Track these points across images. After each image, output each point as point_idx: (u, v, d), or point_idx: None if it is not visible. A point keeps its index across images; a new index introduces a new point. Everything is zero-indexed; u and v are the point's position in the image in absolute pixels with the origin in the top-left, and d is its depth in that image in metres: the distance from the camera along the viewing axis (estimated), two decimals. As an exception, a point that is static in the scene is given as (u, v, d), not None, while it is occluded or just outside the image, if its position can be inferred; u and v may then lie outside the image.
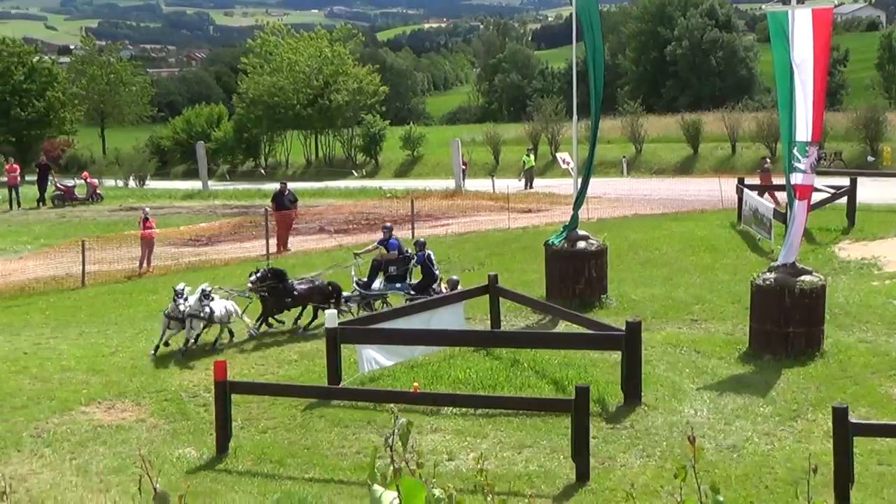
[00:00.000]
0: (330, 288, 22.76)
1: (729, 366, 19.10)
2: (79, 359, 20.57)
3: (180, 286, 20.88)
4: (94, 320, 25.22)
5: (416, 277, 23.55)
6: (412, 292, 22.83)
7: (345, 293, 23.02)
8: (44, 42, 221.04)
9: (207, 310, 20.87)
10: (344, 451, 15.54)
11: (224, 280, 29.77)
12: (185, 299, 20.56)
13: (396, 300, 23.01)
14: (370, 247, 25.01)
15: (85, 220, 44.55)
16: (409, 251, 23.90)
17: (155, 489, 3.68)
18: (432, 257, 23.31)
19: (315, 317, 22.56)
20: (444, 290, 22.39)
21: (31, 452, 15.85)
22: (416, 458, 3.61)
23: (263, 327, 22.27)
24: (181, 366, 20.06)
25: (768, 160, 41.94)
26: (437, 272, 23.16)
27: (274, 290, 21.92)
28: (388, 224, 25.41)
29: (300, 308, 22.66)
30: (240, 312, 21.95)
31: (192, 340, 20.90)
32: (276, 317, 22.55)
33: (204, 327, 21.11)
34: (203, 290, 20.84)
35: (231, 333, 21.74)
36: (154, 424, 17.08)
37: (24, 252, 36.13)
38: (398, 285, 23.23)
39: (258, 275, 21.98)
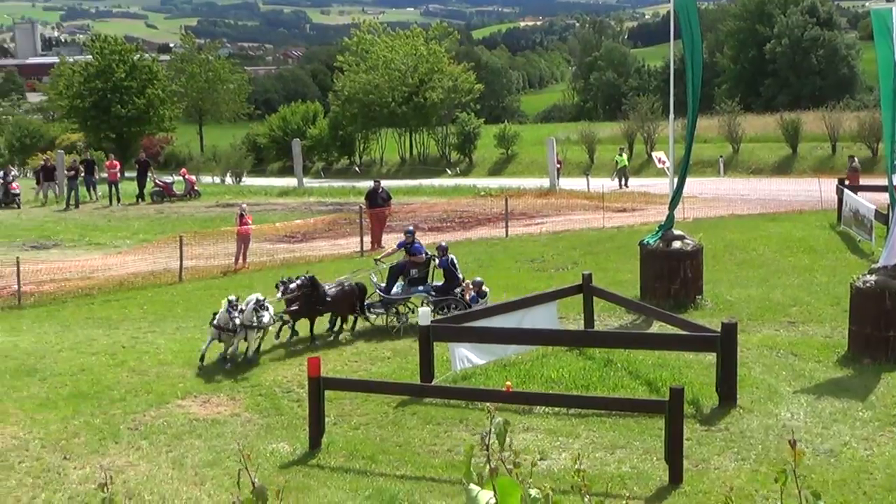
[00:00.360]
0: (358, 290, 22.67)
1: (827, 369, 18.77)
2: (175, 353, 20.87)
3: (233, 297, 20.52)
4: (191, 315, 25.53)
5: (436, 280, 23.45)
6: (434, 294, 22.70)
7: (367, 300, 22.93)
8: (144, 40, 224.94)
9: (266, 320, 20.64)
10: (435, 448, 15.55)
11: (319, 276, 30.04)
12: (241, 311, 20.18)
13: (417, 302, 22.89)
14: (390, 250, 24.83)
15: (182, 216, 45.16)
16: (431, 253, 23.72)
17: (253, 483, 3.69)
18: (455, 261, 23.12)
19: (345, 321, 22.61)
20: (468, 293, 22.40)
21: (129, 445, 16.11)
22: (512, 457, 3.58)
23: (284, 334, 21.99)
24: (275, 361, 20.24)
25: (856, 159, 41.13)
26: (460, 275, 22.96)
27: (307, 297, 21.53)
28: (411, 227, 24.99)
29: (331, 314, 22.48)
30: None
31: (254, 350, 20.63)
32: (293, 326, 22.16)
33: (256, 337, 20.83)
34: (258, 301, 20.54)
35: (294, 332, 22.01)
36: (248, 419, 17.26)
37: (124, 247, 36.71)
38: (420, 288, 22.95)
39: (298, 282, 21.54)
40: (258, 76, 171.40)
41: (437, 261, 23.13)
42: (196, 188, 52.64)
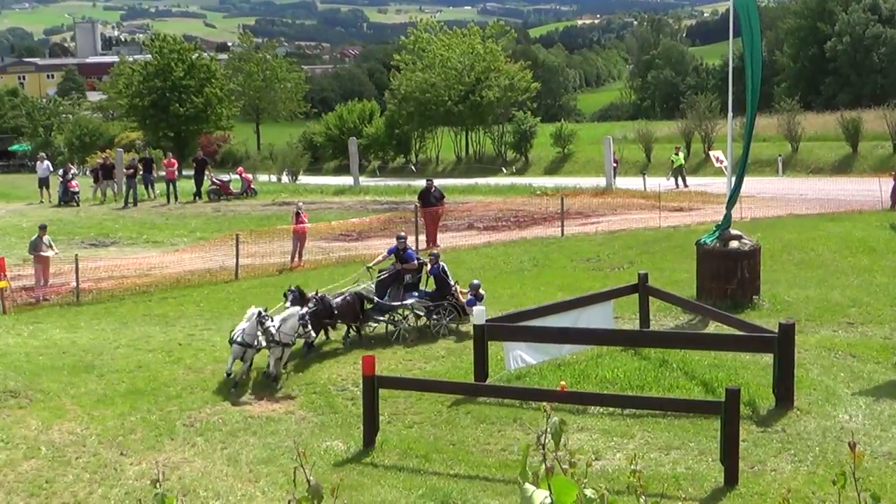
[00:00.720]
0: (359, 299, 22.28)
1: (886, 371, 18.54)
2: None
3: (261, 309, 19.50)
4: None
5: (428, 286, 23.39)
6: (428, 301, 22.57)
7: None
8: (203, 39, 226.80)
9: (312, 334, 20.07)
10: (489, 447, 15.53)
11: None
12: (278, 327, 19.14)
13: (412, 309, 22.76)
14: (380, 257, 24.33)
15: (239, 214, 45.44)
16: (423, 259, 23.80)
17: (309, 481, 3.68)
18: (446, 269, 23.01)
19: (350, 329, 22.33)
20: (462, 297, 22.53)
21: (184, 441, 16.23)
22: (567, 457, 3.55)
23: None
24: (330, 359, 20.30)
25: None
26: (451, 282, 22.89)
27: (315, 313, 20.67)
28: (403, 234, 24.96)
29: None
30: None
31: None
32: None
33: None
34: (303, 316, 19.62)
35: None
36: (303, 417, 17.34)
37: (181, 245, 37.00)
38: (415, 293, 22.93)
39: (312, 305, 20.76)
40: (315, 75, 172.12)
41: (428, 267, 23.19)
42: (252, 186, 52.97)
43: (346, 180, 59.67)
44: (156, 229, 41.51)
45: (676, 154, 52.30)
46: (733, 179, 24.64)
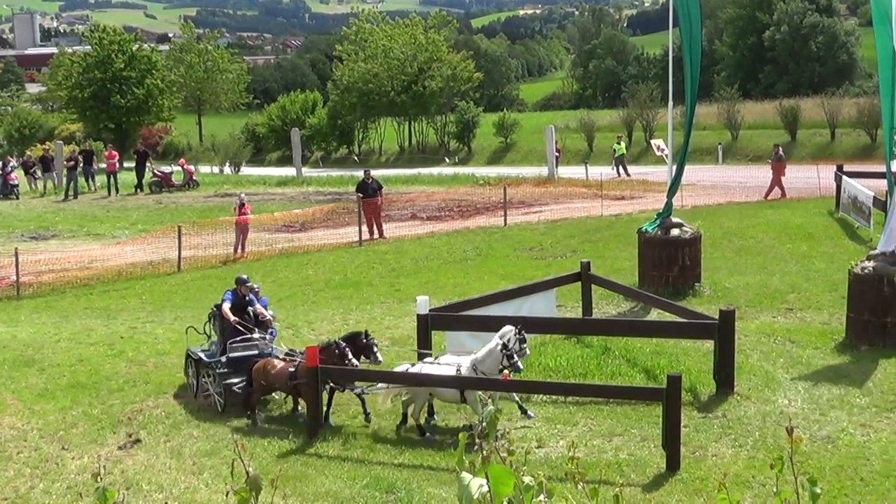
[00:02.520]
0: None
1: (824, 356, 18.78)
2: (174, 343, 20.88)
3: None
4: (190, 305, 25.58)
5: None
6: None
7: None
8: (143, 30, 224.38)
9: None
10: (434, 436, 15.58)
11: (318, 266, 30.09)
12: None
13: None
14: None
15: (181, 206, 45.17)
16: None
17: (248, 473, 3.70)
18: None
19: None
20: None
21: (127, 435, 16.13)
22: (506, 445, 3.59)
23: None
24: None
25: (781, 148, 40.79)
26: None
27: None
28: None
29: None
30: None
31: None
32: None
33: None
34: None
35: None
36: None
37: (122, 237, 36.75)
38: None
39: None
40: (257, 66, 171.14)
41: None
42: (194, 178, 52.68)
43: (289, 171, 59.50)
44: (97, 222, 41.18)
45: (618, 143, 52.55)
46: (674, 168, 24.83)
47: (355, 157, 71.41)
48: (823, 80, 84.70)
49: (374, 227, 34.78)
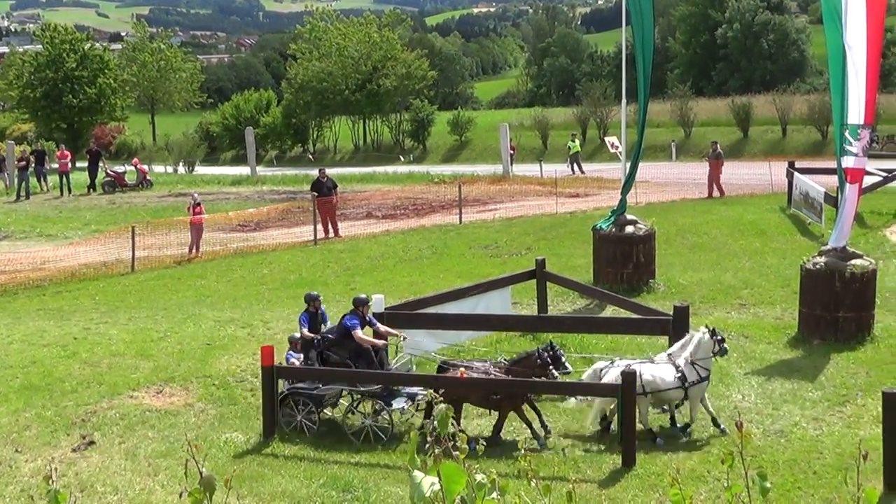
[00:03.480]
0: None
1: (777, 350, 18.96)
2: (128, 343, 20.74)
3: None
4: (144, 305, 25.43)
5: None
6: None
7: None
8: (96, 29, 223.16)
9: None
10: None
11: (273, 265, 29.98)
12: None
13: None
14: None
15: (135, 206, 44.87)
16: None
17: (201, 473, 3.69)
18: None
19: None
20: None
21: (81, 437, 16.01)
22: (459, 443, 3.60)
23: None
24: (229, 352, 20.17)
25: (718, 145, 40.91)
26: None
27: None
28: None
29: None
30: None
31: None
32: None
33: None
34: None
35: None
36: (202, 409, 17.21)
37: (75, 238, 36.42)
38: None
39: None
40: (211, 65, 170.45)
41: None
42: (148, 178, 52.33)
43: (244, 170, 59.25)
44: (49, 222, 40.82)
45: (573, 140, 52.68)
46: (628, 165, 24.95)
47: (310, 156, 71.19)
48: (775, 78, 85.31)
49: (330, 226, 34.71)
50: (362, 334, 16.61)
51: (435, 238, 32.86)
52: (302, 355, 17.02)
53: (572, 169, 50.32)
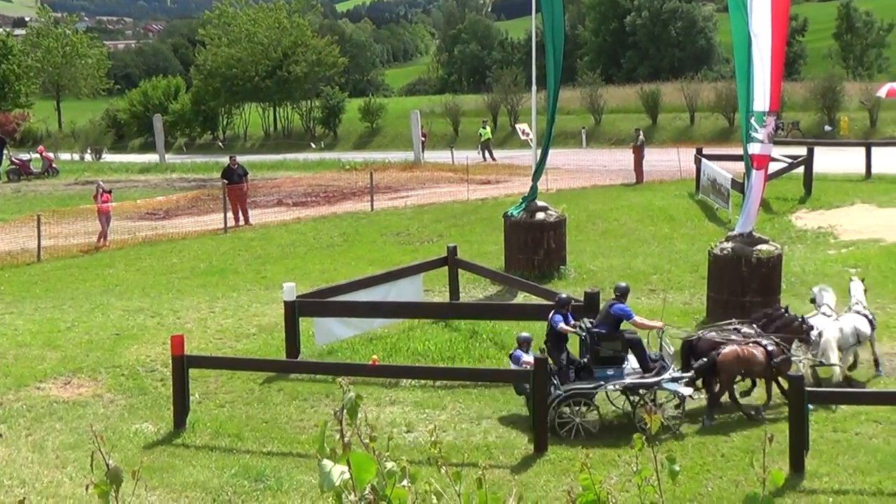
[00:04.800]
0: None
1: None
2: (34, 334, 20.42)
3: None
4: (50, 295, 25.04)
5: None
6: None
7: None
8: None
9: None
10: (302, 424, 15.52)
11: (182, 253, 29.69)
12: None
13: None
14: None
15: (40, 194, 44.17)
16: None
17: (107, 465, 3.63)
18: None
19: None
20: None
21: (-13, 429, 15.73)
22: (370, 431, 3.59)
23: None
24: (139, 342, 19.94)
25: (641, 132, 41.31)
26: None
27: None
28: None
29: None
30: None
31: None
32: None
33: None
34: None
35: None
36: (111, 400, 16.98)
37: (-21, 227, 35.77)
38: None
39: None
40: (118, 50, 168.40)
41: None
42: (54, 166, 51.59)
43: (152, 158, 58.60)
44: (-48, 212, 40.04)
45: (483, 127, 52.79)
46: (539, 152, 25.08)
47: (220, 143, 70.56)
48: (683, 65, 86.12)
49: (240, 214, 34.44)
50: (642, 319, 16.07)
51: (346, 225, 32.79)
52: (533, 355, 15.45)
53: (483, 156, 50.42)
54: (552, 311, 15.89)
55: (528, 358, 15.51)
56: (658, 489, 3.91)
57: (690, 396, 15.13)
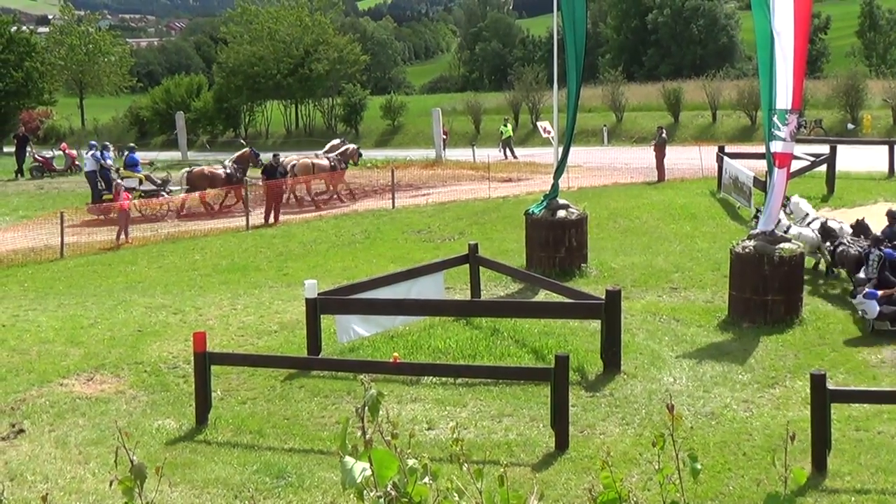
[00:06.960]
0: None
1: (708, 334, 19.14)
2: (57, 330, 20.49)
3: None
4: (73, 292, 25.14)
5: None
6: None
7: None
8: (21, 12, 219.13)
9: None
10: (323, 421, 15.52)
11: (204, 250, 29.76)
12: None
13: None
14: None
15: (63, 191, 44.37)
16: None
17: (132, 461, 3.66)
18: None
19: None
20: None
21: (10, 425, 15.79)
22: (391, 428, 3.60)
23: None
24: (161, 339, 20.00)
25: (664, 130, 41.26)
26: None
27: None
28: None
29: None
30: None
31: None
32: None
33: None
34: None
35: None
36: (133, 396, 17.02)
37: (3, 224, 35.96)
38: None
39: None
40: (140, 48, 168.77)
41: None
42: (77, 163, 51.73)
43: (175, 155, 58.80)
44: (-24, 209, 40.26)
45: (505, 125, 52.83)
46: (560, 150, 25.05)
47: (242, 141, 70.68)
48: (705, 63, 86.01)
49: (271, 213, 34.46)
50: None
51: (367, 223, 32.83)
52: None
53: (504, 154, 50.47)
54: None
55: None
56: (679, 488, 3.91)
57: None
